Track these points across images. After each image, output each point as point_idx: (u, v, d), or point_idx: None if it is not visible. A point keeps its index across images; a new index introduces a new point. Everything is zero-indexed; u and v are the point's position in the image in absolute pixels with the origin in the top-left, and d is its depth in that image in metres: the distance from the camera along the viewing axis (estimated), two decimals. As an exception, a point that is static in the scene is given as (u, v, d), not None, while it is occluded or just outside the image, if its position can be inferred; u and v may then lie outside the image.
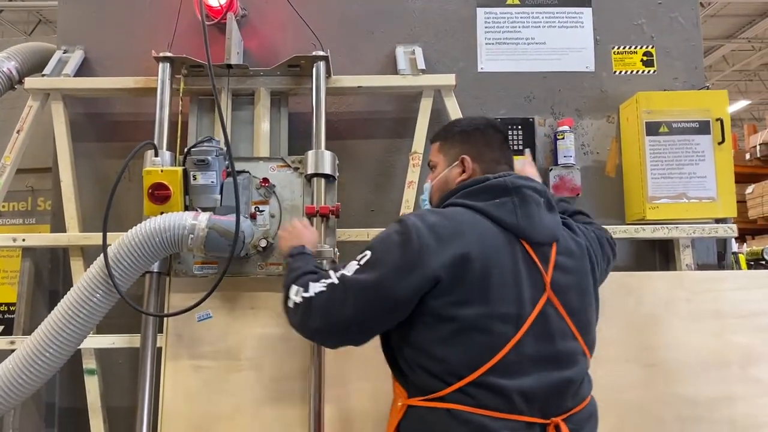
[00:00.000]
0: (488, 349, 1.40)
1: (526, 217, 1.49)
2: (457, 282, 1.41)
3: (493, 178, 1.55)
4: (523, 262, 1.47)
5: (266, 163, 2.35)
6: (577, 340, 1.52)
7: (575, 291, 1.54)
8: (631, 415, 2.25)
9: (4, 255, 2.96)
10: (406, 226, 1.46)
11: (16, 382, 1.88)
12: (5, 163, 2.47)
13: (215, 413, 2.22)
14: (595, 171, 2.70)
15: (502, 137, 1.71)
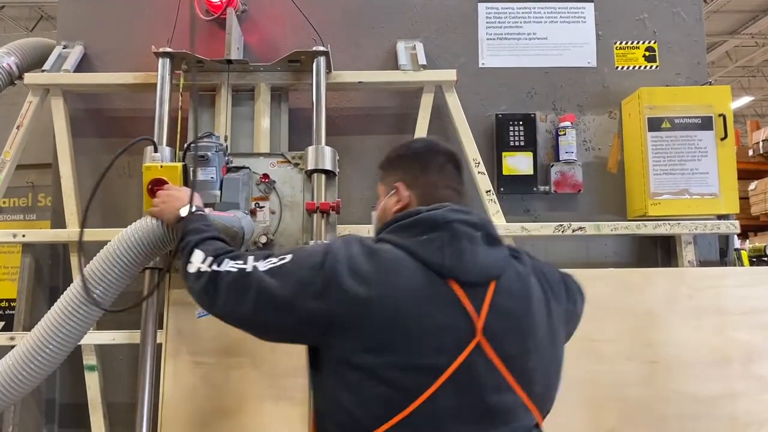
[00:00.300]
0: (395, 402, 1.24)
1: (454, 256, 1.32)
2: (364, 326, 1.27)
3: (425, 211, 1.39)
4: (448, 306, 1.29)
5: (266, 158, 2.35)
6: (515, 392, 1.31)
7: (516, 336, 1.34)
8: (633, 413, 2.24)
9: (4, 251, 2.96)
10: (331, 251, 1.34)
11: (16, 378, 1.88)
12: (5, 159, 2.47)
13: (215, 409, 2.21)
14: (597, 167, 2.69)
15: (446, 159, 1.53)
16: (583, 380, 2.25)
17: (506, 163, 2.60)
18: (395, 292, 1.28)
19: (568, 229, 2.45)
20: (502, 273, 1.37)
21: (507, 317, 1.33)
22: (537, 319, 1.38)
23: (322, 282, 1.30)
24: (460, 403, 1.26)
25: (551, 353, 1.42)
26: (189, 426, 2.20)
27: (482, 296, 1.32)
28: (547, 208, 2.66)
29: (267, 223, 2.28)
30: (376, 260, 1.32)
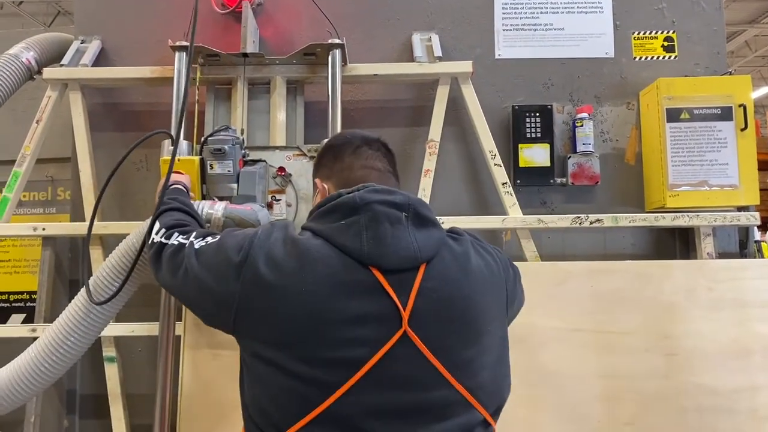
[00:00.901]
0: (309, 398, 1.16)
1: (374, 240, 1.22)
2: (275, 316, 1.20)
3: (345, 193, 1.29)
4: (368, 296, 1.19)
5: (282, 152, 2.36)
6: (451, 386, 1.20)
7: (450, 325, 1.23)
8: (651, 405, 2.23)
9: (25, 244, 3.00)
10: (255, 236, 1.29)
11: (38, 370, 1.91)
12: (25, 153, 2.50)
13: (233, 401, 2.22)
14: (615, 159, 2.67)
15: (361, 141, 1.45)
16: (600, 373, 2.24)
17: (523, 155, 2.58)
18: (308, 281, 1.19)
19: (586, 221, 2.43)
20: (434, 256, 1.26)
21: (439, 304, 1.22)
22: (477, 305, 1.27)
23: (237, 266, 1.24)
24: (383, 399, 1.17)
25: (494, 342, 1.30)
26: (207, 417, 2.22)
27: (410, 283, 1.22)
28: (564, 200, 2.64)
29: (284, 215, 2.29)
30: (292, 248, 1.24)
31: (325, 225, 1.28)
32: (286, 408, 1.18)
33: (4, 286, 3.02)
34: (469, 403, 1.22)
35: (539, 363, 2.24)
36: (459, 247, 1.32)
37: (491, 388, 1.27)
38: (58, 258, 2.63)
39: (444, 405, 1.20)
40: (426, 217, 1.30)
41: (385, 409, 1.17)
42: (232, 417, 2.20)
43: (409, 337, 1.19)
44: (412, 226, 1.26)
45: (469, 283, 1.28)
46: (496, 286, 1.35)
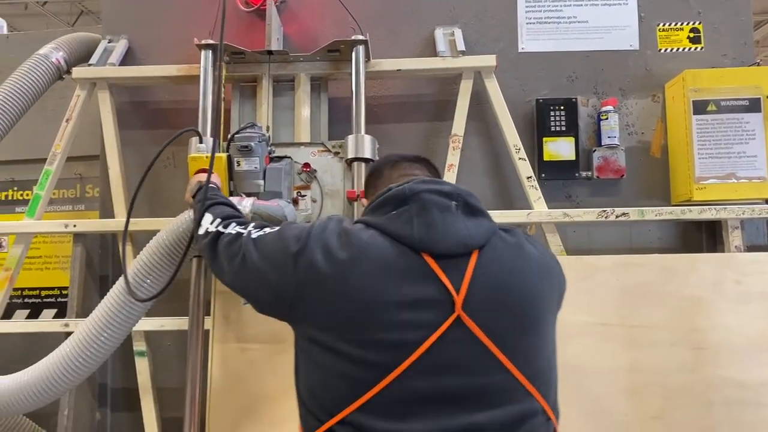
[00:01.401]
0: (359, 382, 1.18)
1: (424, 227, 1.25)
2: (329, 302, 1.24)
3: (394, 187, 1.35)
4: (420, 280, 1.22)
5: (307, 148, 2.38)
6: (508, 372, 1.21)
7: (507, 312, 1.24)
8: (678, 398, 2.22)
9: (56, 241, 3.07)
10: (311, 229, 1.34)
11: (73, 364, 1.96)
12: (55, 152, 2.55)
13: (262, 394, 2.26)
14: (640, 152, 2.65)
15: (398, 158, 1.55)
16: (626, 367, 2.23)
17: (547, 149, 2.57)
18: (362, 267, 1.24)
19: (612, 215, 2.42)
20: (486, 243, 1.29)
21: (494, 290, 1.25)
22: (532, 294, 1.29)
23: (295, 255, 1.30)
24: (436, 383, 1.18)
25: (550, 333, 1.33)
26: (236, 410, 2.26)
27: (462, 268, 1.24)
28: (589, 194, 2.63)
29: (309, 211, 2.31)
30: (346, 238, 1.29)
31: (377, 217, 1.34)
32: (339, 392, 1.21)
33: (36, 282, 3.08)
34: (527, 391, 1.23)
35: (565, 357, 2.18)
36: (511, 238, 1.35)
37: (548, 378, 1.29)
38: (89, 254, 2.69)
39: (500, 390, 1.21)
40: (475, 207, 1.33)
41: (438, 393, 1.18)
42: (261, 409, 2.24)
43: (463, 321, 1.20)
44: (462, 214, 1.30)
45: (524, 272, 1.31)
46: (550, 279, 1.37)
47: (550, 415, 1.28)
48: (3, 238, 3.15)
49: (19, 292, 3.05)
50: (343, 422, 1.19)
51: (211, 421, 2.25)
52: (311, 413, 1.27)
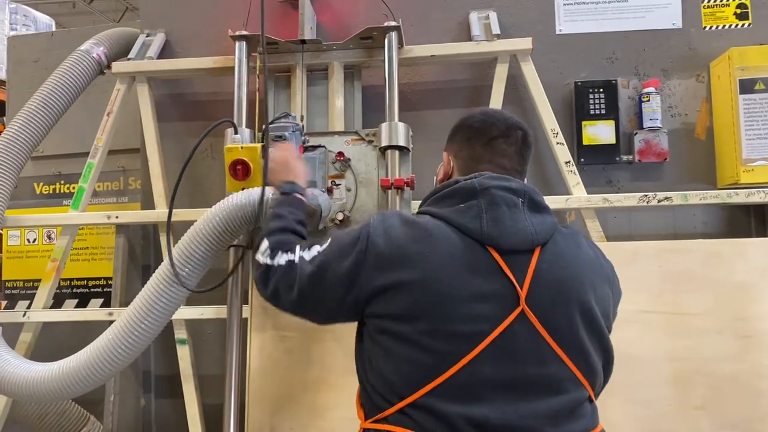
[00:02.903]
0: (430, 368, 1.24)
1: (492, 222, 1.30)
2: (399, 294, 1.28)
3: (463, 180, 1.37)
4: (487, 274, 1.27)
5: (341, 137, 2.37)
6: (564, 363, 1.28)
7: (564, 307, 1.30)
8: (724, 387, 2.14)
9: (101, 232, 3.15)
10: (368, 225, 1.36)
11: (115, 351, 2.01)
12: (98, 145, 2.61)
13: (299, 382, 2.28)
14: (684, 134, 2.56)
15: (499, 133, 1.45)
16: (671, 355, 2.17)
17: (586, 133, 2.51)
18: (433, 258, 1.28)
19: (654, 200, 2.35)
20: (548, 240, 1.34)
21: (553, 286, 1.30)
22: (589, 291, 1.33)
23: (358, 252, 1.33)
24: (501, 372, 1.24)
25: (602, 327, 1.35)
26: (275, 397, 2.28)
27: (525, 264, 1.30)
28: (631, 179, 2.56)
29: (343, 200, 2.31)
30: (414, 229, 1.33)
31: (444, 208, 1.36)
32: (410, 377, 1.27)
33: (83, 273, 3.18)
34: (579, 381, 1.30)
35: (606, 345, 2.19)
36: (570, 236, 1.40)
37: (597, 370, 1.35)
38: (131, 244, 2.75)
39: (558, 380, 1.28)
40: (540, 204, 1.38)
41: (502, 381, 1.25)
42: (299, 396, 2.26)
43: (526, 315, 1.27)
44: (528, 211, 1.34)
45: (582, 270, 1.35)
46: (605, 279, 1.41)
47: (593, 399, 1.36)
48: (52, 230, 3.25)
49: (68, 283, 3.15)
50: (414, 405, 1.25)
51: (251, 407, 2.28)
52: (379, 395, 1.31)
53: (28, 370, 2.13)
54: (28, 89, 2.91)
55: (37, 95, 2.55)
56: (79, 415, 2.67)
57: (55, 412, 2.62)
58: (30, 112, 2.53)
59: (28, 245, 3.29)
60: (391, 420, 1.28)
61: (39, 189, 3.32)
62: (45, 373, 2.08)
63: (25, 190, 3.27)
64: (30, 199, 3.29)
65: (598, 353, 1.35)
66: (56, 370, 2.08)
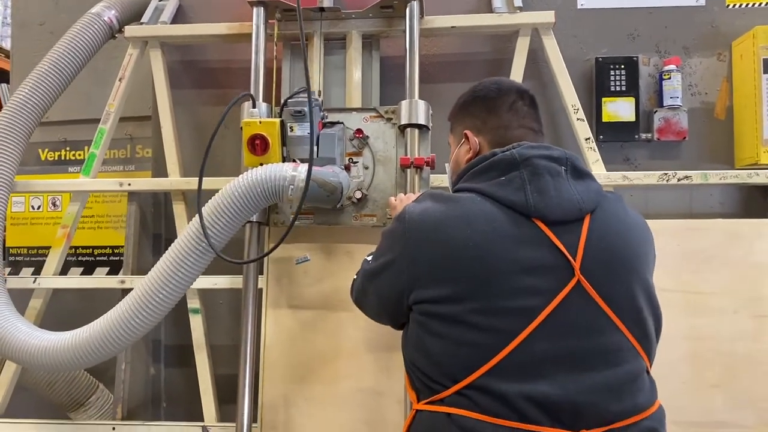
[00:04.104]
0: (486, 348, 1.20)
1: (537, 193, 1.25)
2: (445, 275, 1.24)
3: (500, 152, 1.33)
4: (537, 247, 1.23)
5: (359, 113, 2.32)
6: (622, 333, 1.25)
7: (619, 275, 1.26)
8: (739, 366, 2.16)
9: (108, 200, 3.11)
10: (402, 214, 1.34)
11: (132, 321, 1.99)
12: (109, 111, 2.56)
13: (315, 354, 2.28)
14: (703, 113, 2.54)
15: (516, 96, 1.45)
16: (687, 334, 2.19)
17: (606, 110, 2.49)
18: (475, 235, 1.23)
19: (673, 178, 2.33)
20: (597, 207, 1.29)
21: (606, 254, 1.26)
22: (640, 258, 1.31)
23: (399, 241, 1.32)
24: (559, 346, 1.21)
25: (654, 297, 1.33)
26: (290, 368, 2.28)
27: (576, 233, 1.25)
28: (648, 157, 2.54)
29: (361, 178, 2.27)
30: (452, 207, 1.29)
31: (481, 183, 1.32)
32: (464, 359, 1.23)
33: (89, 241, 3.14)
34: (637, 351, 1.27)
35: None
36: (616, 201, 1.36)
37: (652, 340, 1.33)
38: (142, 213, 2.71)
39: (617, 351, 1.24)
40: (583, 170, 1.34)
41: (561, 355, 1.21)
42: (314, 367, 2.27)
43: (582, 285, 1.23)
44: (572, 179, 1.30)
45: (631, 236, 1.32)
46: (651, 244, 1.39)
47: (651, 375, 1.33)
48: (57, 198, 3.21)
49: (73, 251, 3.11)
50: (471, 386, 1.22)
51: (266, 378, 2.28)
52: (432, 379, 1.28)
53: (41, 339, 2.10)
54: (33, 53, 2.85)
55: (48, 58, 2.49)
56: (88, 383, 2.66)
57: (64, 379, 2.60)
58: (40, 75, 2.47)
59: (32, 212, 3.25)
60: (448, 401, 1.24)
61: (44, 155, 3.26)
62: (61, 342, 2.06)
63: (30, 156, 3.21)
64: (35, 165, 3.24)
65: (652, 321, 1.32)
66: (70, 339, 2.05)
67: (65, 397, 2.57)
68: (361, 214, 2.27)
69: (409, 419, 1.34)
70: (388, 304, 1.39)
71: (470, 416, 1.20)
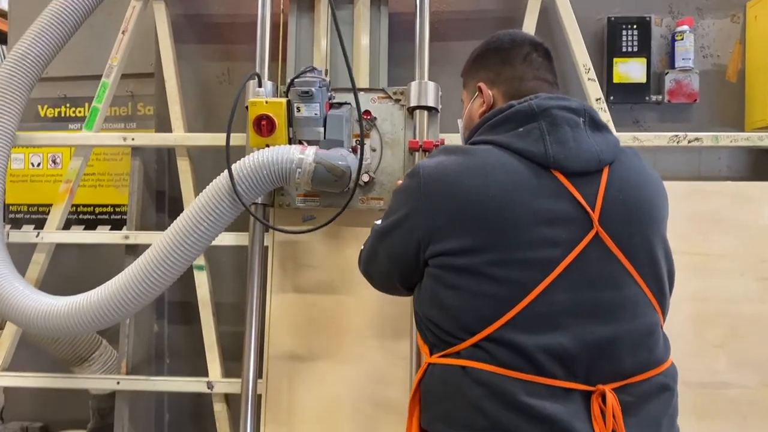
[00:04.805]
0: (503, 300, 1.19)
1: (556, 144, 1.23)
2: (463, 227, 1.22)
3: (517, 103, 1.30)
4: (556, 198, 1.21)
5: (367, 94, 2.26)
6: (639, 286, 1.24)
7: (637, 227, 1.25)
8: (743, 328, 2.17)
9: (109, 158, 3.07)
10: (416, 168, 1.31)
11: (145, 282, 1.97)
12: (112, 64, 2.51)
13: (324, 309, 2.28)
14: (715, 75, 2.52)
15: (530, 47, 1.41)
16: (691, 295, 2.19)
17: (617, 70, 2.45)
18: (493, 186, 1.21)
19: (684, 140, 2.31)
20: (615, 159, 1.28)
21: (624, 206, 1.24)
22: (658, 211, 1.31)
23: (413, 196, 1.29)
24: (578, 298, 1.19)
25: (668, 248, 1.32)
26: (296, 322, 2.28)
27: (595, 185, 1.24)
28: (658, 119, 2.52)
29: (368, 160, 2.23)
30: (469, 158, 1.26)
31: (500, 135, 1.29)
32: (481, 311, 1.21)
33: (90, 199, 3.11)
34: (652, 305, 1.26)
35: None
36: (633, 155, 1.35)
37: (667, 295, 1.31)
38: (146, 169, 2.68)
39: (633, 304, 1.23)
40: (600, 122, 1.31)
41: (579, 307, 1.20)
42: (320, 321, 2.27)
43: (600, 237, 1.21)
44: (590, 130, 1.28)
45: (649, 189, 1.31)
46: (666, 198, 1.37)
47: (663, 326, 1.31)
48: (57, 155, 3.17)
49: (74, 209, 3.08)
50: (487, 338, 1.20)
51: (271, 333, 2.28)
52: (448, 333, 1.26)
53: (48, 305, 2.07)
54: (31, 14, 2.76)
55: (48, 11, 2.42)
56: (92, 339, 2.65)
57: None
58: (40, 28, 2.40)
59: (32, 169, 3.21)
60: (464, 354, 1.22)
61: (43, 112, 3.21)
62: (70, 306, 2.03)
63: (29, 113, 3.15)
64: (34, 122, 3.19)
65: (667, 276, 1.31)
66: (83, 301, 2.03)
67: (69, 353, 2.57)
68: (368, 197, 2.23)
69: (420, 372, 1.33)
70: (402, 263, 1.36)
71: (486, 369, 1.18)
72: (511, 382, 1.16)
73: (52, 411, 2.91)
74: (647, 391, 1.22)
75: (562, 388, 1.17)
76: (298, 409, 2.24)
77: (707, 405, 2.14)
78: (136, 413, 2.59)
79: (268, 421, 2.23)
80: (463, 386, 1.20)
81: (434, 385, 1.28)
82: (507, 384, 1.16)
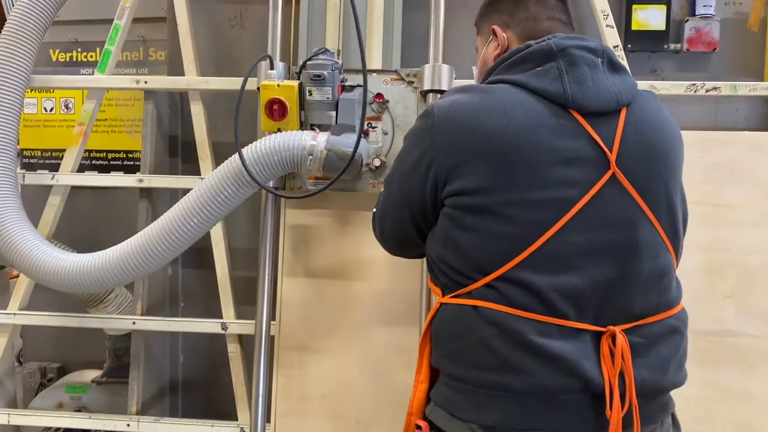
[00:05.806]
0: (518, 240, 1.19)
1: (575, 83, 1.22)
2: (481, 165, 1.21)
3: (535, 43, 1.29)
4: (573, 138, 1.21)
5: (379, 76, 2.22)
6: (654, 228, 1.24)
7: (655, 168, 1.25)
8: (754, 279, 2.18)
9: (122, 104, 3.06)
10: (429, 109, 1.31)
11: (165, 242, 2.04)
12: (124, 6, 2.48)
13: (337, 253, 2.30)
14: (736, 24, 2.46)
15: None
16: (704, 245, 2.18)
17: (636, 17, 2.40)
18: (511, 125, 1.21)
19: (701, 89, 2.27)
20: (632, 100, 1.28)
21: (642, 147, 1.24)
22: (676, 154, 1.32)
23: (427, 136, 1.28)
24: (593, 238, 1.20)
25: (683, 191, 1.34)
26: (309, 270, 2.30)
27: (613, 125, 1.24)
28: (676, 68, 2.48)
29: (379, 144, 2.20)
30: (487, 97, 1.26)
31: (516, 74, 1.28)
32: (495, 251, 1.21)
33: (102, 145, 3.12)
34: (667, 247, 1.27)
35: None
36: (651, 97, 1.34)
37: (680, 239, 1.32)
38: (158, 113, 2.68)
39: (647, 245, 1.23)
40: (618, 63, 1.31)
41: (593, 248, 1.20)
42: (333, 269, 2.29)
43: (617, 178, 1.22)
44: (608, 71, 1.27)
45: (667, 132, 1.31)
46: (682, 144, 1.37)
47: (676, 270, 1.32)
48: (70, 100, 3.17)
49: (87, 154, 3.09)
50: (501, 278, 1.20)
51: (285, 281, 2.30)
52: (460, 273, 1.27)
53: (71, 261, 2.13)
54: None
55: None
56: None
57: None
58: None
59: (45, 114, 3.21)
60: (476, 294, 1.23)
61: (55, 56, 3.19)
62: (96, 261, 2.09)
63: (41, 57, 3.13)
64: (46, 66, 3.18)
65: (682, 219, 1.32)
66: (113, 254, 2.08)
67: (85, 295, 2.62)
68: (379, 181, 2.20)
69: (432, 312, 1.34)
70: (418, 207, 1.35)
71: (497, 308, 1.20)
72: (521, 321, 1.18)
73: (68, 352, 2.98)
74: (657, 333, 1.24)
75: (572, 329, 1.18)
76: (311, 350, 2.28)
77: (713, 352, 2.15)
78: (152, 354, 2.65)
79: (281, 362, 2.27)
80: (474, 325, 1.22)
81: (445, 325, 1.30)
82: (517, 324, 1.18)
